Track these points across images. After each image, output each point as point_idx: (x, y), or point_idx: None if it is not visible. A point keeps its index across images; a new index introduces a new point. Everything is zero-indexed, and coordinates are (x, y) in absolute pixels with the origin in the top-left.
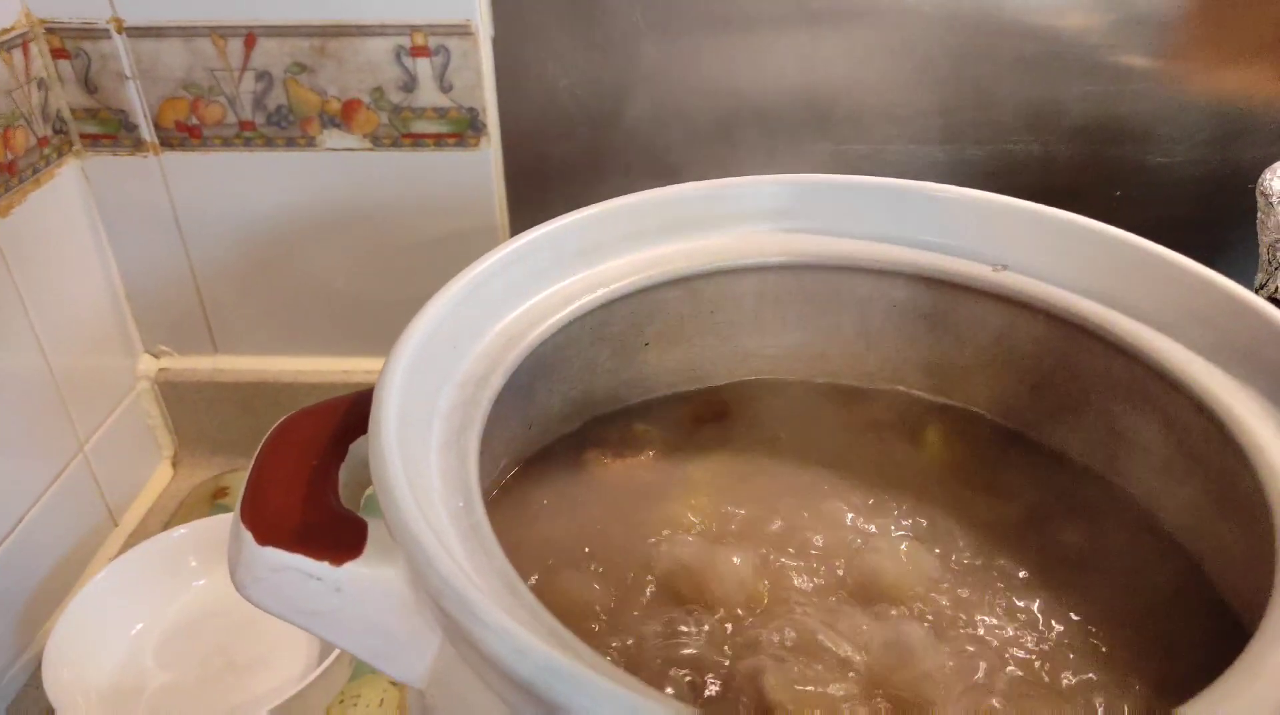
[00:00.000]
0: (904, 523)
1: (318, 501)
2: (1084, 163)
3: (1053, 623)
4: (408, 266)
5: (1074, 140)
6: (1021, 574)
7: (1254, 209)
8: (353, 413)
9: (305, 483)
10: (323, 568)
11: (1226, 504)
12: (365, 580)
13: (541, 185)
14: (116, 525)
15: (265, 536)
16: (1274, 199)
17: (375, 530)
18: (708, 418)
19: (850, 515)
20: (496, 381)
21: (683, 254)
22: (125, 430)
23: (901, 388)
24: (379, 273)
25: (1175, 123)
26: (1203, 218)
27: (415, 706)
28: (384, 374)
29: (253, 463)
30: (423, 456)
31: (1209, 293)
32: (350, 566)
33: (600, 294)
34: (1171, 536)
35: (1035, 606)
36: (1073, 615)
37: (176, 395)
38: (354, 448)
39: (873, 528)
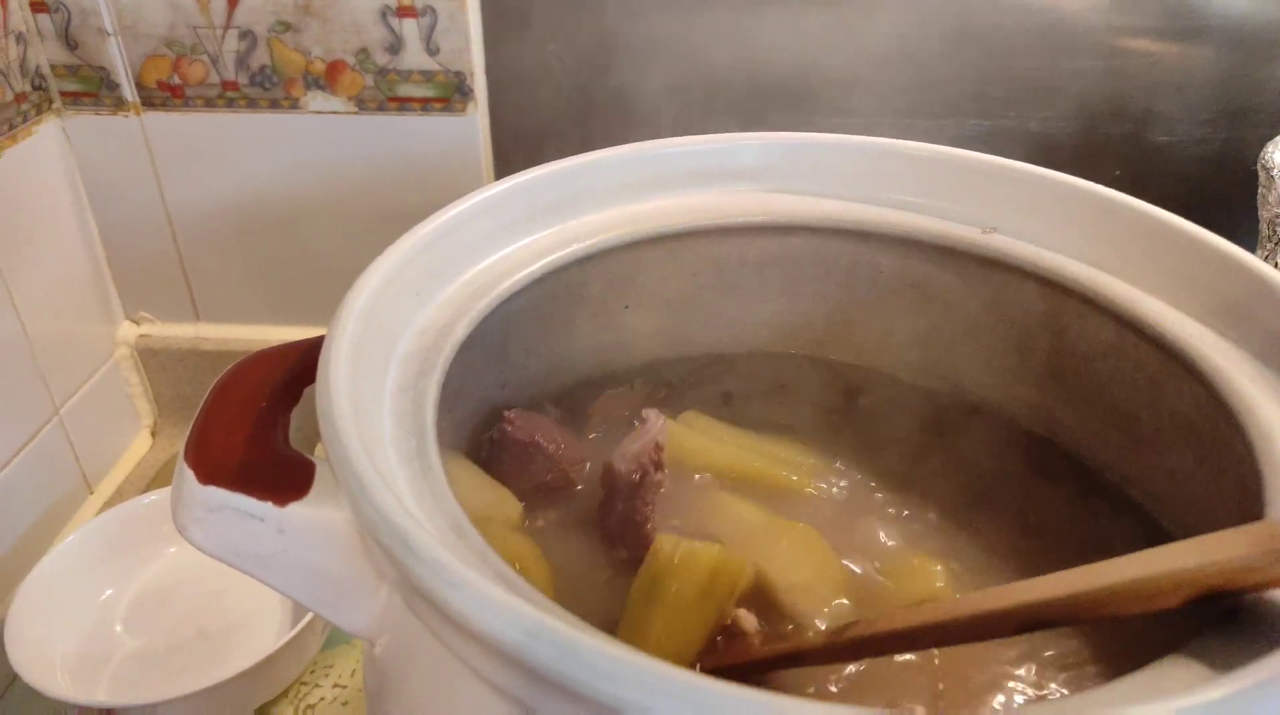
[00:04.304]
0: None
1: (264, 442)
2: (1082, 140)
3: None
4: (393, 233)
5: (1073, 117)
6: (993, 553)
7: (1255, 190)
8: (308, 356)
9: (252, 424)
10: (265, 508)
11: (1215, 471)
12: (309, 522)
13: (530, 151)
14: (92, 492)
15: (207, 476)
16: (1275, 172)
17: (323, 472)
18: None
19: None
20: (461, 331)
21: (662, 212)
22: (103, 397)
23: (886, 368)
24: (363, 239)
25: (1177, 101)
26: (1204, 199)
27: (367, 658)
28: (337, 315)
29: (203, 404)
30: (376, 399)
31: (1200, 252)
32: (294, 507)
33: (575, 249)
34: (1154, 516)
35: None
36: None
37: (157, 363)
38: (309, 392)
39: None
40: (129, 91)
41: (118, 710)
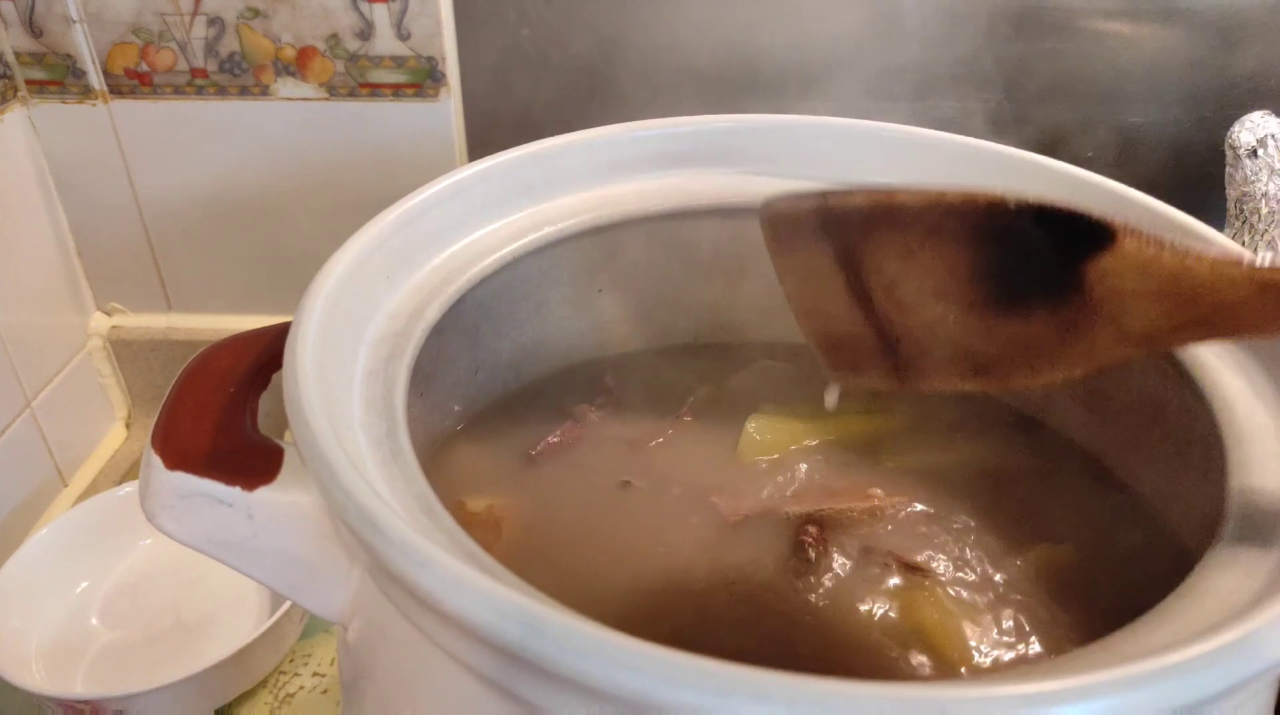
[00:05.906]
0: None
1: (232, 427)
2: (1055, 122)
3: (998, 571)
4: (366, 221)
5: (1044, 99)
6: (972, 523)
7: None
8: (277, 342)
9: (220, 409)
10: (234, 493)
11: (1182, 444)
12: (278, 506)
13: (503, 137)
14: (66, 485)
15: (175, 461)
16: (1242, 151)
17: (291, 457)
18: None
19: None
20: (432, 314)
21: (635, 195)
22: (76, 389)
23: None
24: (337, 227)
25: (1149, 82)
26: (1176, 180)
27: (341, 643)
28: (304, 300)
29: (170, 390)
30: (345, 383)
31: (1167, 229)
32: (263, 492)
33: (547, 232)
34: (1126, 484)
35: (984, 549)
36: (1017, 561)
37: (130, 354)
38: (278, 377)
39: None
40: (96, 79)
41: (94, 702)
